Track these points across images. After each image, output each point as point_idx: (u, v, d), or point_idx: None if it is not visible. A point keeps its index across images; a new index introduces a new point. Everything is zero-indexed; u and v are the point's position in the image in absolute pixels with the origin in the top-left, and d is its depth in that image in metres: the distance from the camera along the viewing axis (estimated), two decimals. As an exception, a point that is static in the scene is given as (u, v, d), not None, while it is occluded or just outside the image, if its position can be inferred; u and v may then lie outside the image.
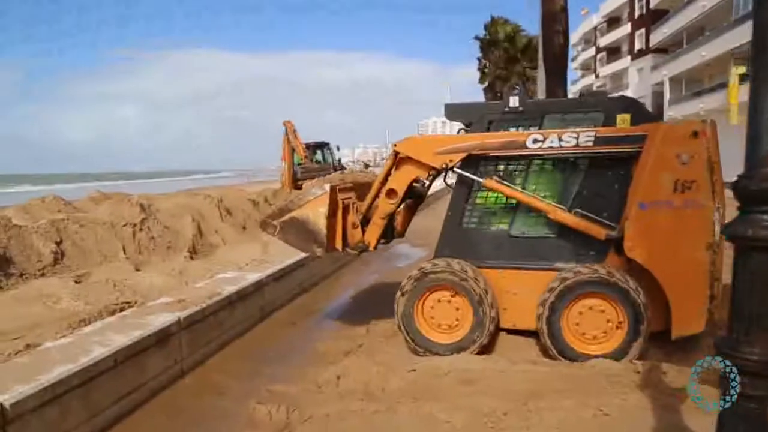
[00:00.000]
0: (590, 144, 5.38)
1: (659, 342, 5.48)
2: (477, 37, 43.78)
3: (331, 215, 5.78)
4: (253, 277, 7.15)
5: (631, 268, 5.27)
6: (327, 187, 5.76)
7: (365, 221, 6.28)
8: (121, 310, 6.34)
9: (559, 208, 5.57)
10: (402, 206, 6.98)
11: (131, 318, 5.32)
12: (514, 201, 5.75)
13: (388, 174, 6.06)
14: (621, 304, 5.15)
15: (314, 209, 5.70)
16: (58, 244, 13.16)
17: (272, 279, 7.38)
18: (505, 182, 5.74)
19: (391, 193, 6.07)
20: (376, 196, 6.18)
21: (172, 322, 5.29)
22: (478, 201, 5.97)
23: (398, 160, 6.00)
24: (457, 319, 5.62)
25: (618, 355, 5.21)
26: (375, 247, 6.36)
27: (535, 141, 5.47)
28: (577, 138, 5.38)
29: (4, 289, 10.62)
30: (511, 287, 5.66)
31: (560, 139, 5.38)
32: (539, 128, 5.70)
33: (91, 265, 13.01)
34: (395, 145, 6.05)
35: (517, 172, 5.78)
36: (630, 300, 5.12)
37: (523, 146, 5.55)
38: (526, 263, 5.67)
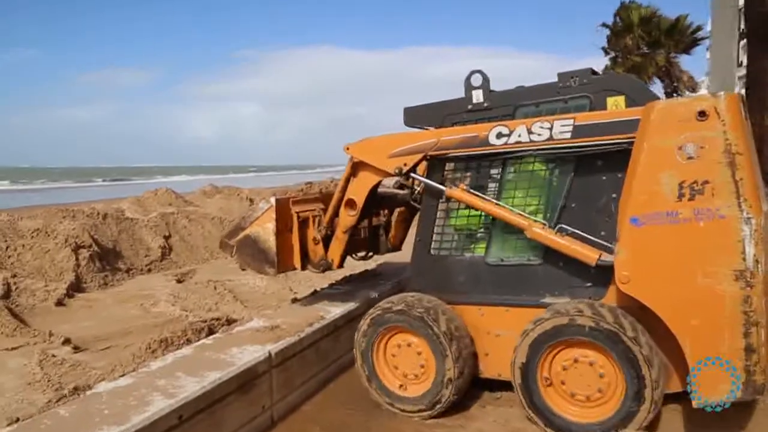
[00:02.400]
0: (567, 136, 4.11)
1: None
2: (605, 25, 40.06)
3: (283, 231, 5.13)
4: (363, 293, 5.87)
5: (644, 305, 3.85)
6: (272, 200, 5.16)
7: (330, 236, 5.34)
8: (209, 330, 5.34)
9: (537, 222, 4.26)
10: (396, 216, 6.08)
11: (211, 351, 4.20)
12: (489, 218, 4.61)
13: (347, 182, 5.10)
14: (615, 357, 3.84)
15: (262, 225, 5.14)
16: (167, 238, 12.81)
17: (385, 296, 6.13)
18: (474, 192, 4.51)
19: (350, 203, 5.08)
20: (338, 207, 5.23)
21: (261, 359, 4.11)
22: (449, 220, 4.78)
23: (353, 166, 5.00)
24: (422, 367, 4.50)
25: (616, 424, 3.83)
26: (340, 265, 5.44)
27: (499, 135, 4.31)
28: (551, 128, 4.14)
29: (109, 286, 10.24)
30: (493, 327, 4.51)
31: (530, 131, 4.21)
32: None
33: (196, 261, 12.53)
34: (347, 148, 4.97)
35: (489, 179, 4.67)
36: (625, 352, 3.78)
37: (486, 142, 4.36)
38: (507, 298, 4.47)
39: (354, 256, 5.86)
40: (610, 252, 4.02)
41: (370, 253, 6.07)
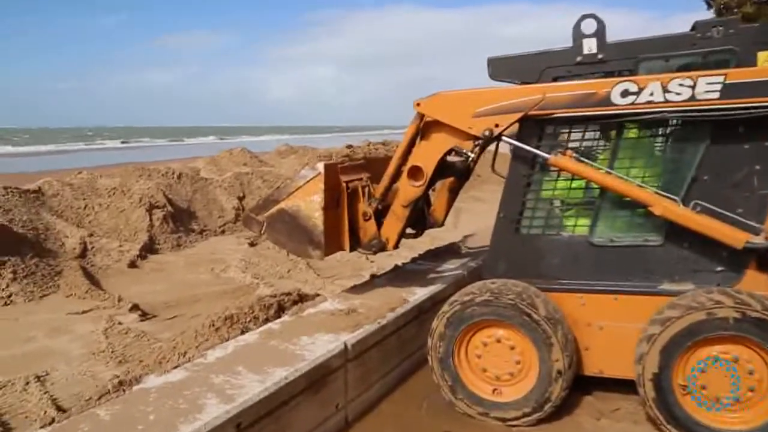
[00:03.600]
0: (715, 96, 3.37)
1: None
2: (710, -28, 36.31)
3: (331, 205, 4.27)
4: (451, 271, 5.15)
5: None
6: (320, 166, 4.25)
7: (383, 211, 4.48)
8: (279, 306, 4.77)
9: (669, 199, 3.53)
10: (440, 186, 5.07)
11: (278, 339, 3.60)
12: (595, 191, 3.82)
13: (410, 145, 4.26)
14: None
15: (306, 198, 4.25)
16: (241, 199, 12.50)
17: (475, 275, 5.34)
18: (584, 159, 3.71)
19: (416, 172, 4.25)
20: (395, 176, 4.36)
21: (336, 352, 3.47)
22: (543, 192, 4.00)
23: (424, 126, 4.17)
24: (518, 364, 3.74)
25: None
26: (396, 245, 4.57)
27: (624, 93, 3.50)
28: (693, 86, 3.38)
29: (182, 247, 10.02)
30: (596, 318, 3.83)
31: (665, 89, 3.40)
32: None
33: (271, 224, 12.18)
34: (418, 104, 4.12)
35: (600, 145, 3.95)
36: None
37: (607, 101, 3.53)
38: (616, 284, 3.78)
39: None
40: (755, 232, 3.42)
41: (411, 232, 5.01)
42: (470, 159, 4.44)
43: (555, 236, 3.95)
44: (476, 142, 4.17)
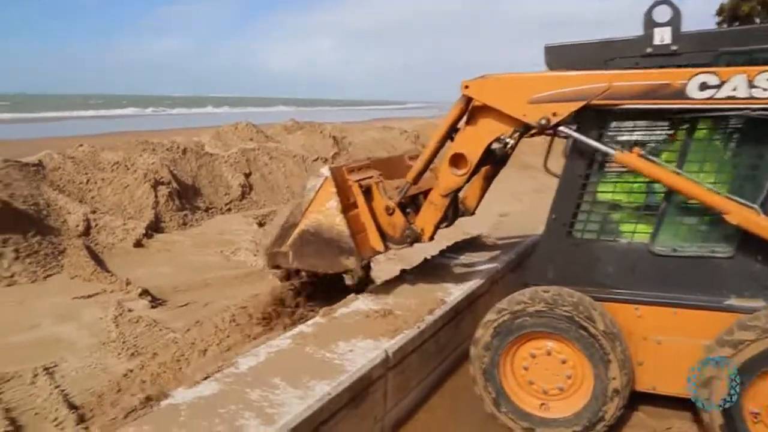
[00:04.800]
0: None
1: None
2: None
3: (349, 208, 4.03)
4: (484, 266, 4.85)
5: None
6: (325, 171, 4.06)
7: (405, 205, 4.20)
8: (296, 293, 4.48)
9: (748, 207, 3.18)
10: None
11: (313, 345, 3.30)
12: (660, 195, 3.48)
13: (451, 130, 3.91)
14: None
15: (321, 209, 4.01)
16: (247, 176, 12.14)
17: (509, 270, 4.99)
18: (653, 158, 3.36)
19: (459, 160, 3.90)
20: (430, 162, 4.07)
21: (378, 362, 3.20)
22: (601, 194, 3.64)
23: (472, 111, 3.81)
24: (569, 379, 3.48)
25: None
26: (432, 237, 4.21)
27: (703, 87, 3.16)
28: None
29: (188, 226, 9.71)
30: (652, 332, 3.53)
31: (751, 84, 3.06)
32: None
33: (277, 201, 11.83)
34: (466, 87, 3.74)
35: (669, 143, 3.49)
36: None
37: (682, 94, 3.18)
38: (677, 296, 3.46)
39: None
40: None
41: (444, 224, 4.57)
42: (509, 146, 4.14)
43: (611, 242, 3.64)
44: (516, 129, 3.86)
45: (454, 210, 4.71)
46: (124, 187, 9.74)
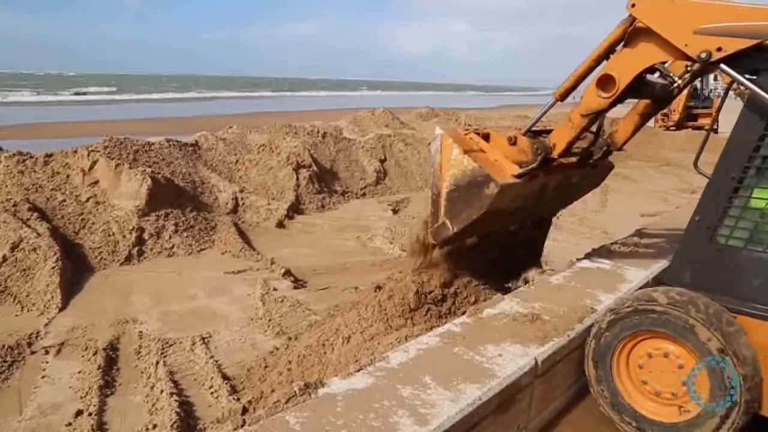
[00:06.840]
0: None
1: None
2: None
3: (473, 150, 4.04)
4: (632, 271, 4.55)
5: None
6: (438, 129, 4.15)
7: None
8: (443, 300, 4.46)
9: None
10: (630, 107, 4.33)
11: (462, 346, 3.27)
12: None
13: (609, 50, 3.58)
14: None
15: (449, 163, 4.06)
16: (382, 162, 12.35)
17: (658, 282, 4.64)
18: None
19: (607, 81, 3.58)
20: (582, 77, 3.74)
21: (527, 369, 3.11)
22: (755, 200, 3.12)
23: (632, 32, 3.46)
24: (683, 385, 3.18)
25: None
26: (562, 153, 4.01)
27: None
28: None
29: (326, 209, 10.05)
30: None
31: None
32: None
33: (410, 189, 11.94)
34: (633, 5, 3.43)
35: None
36: None
37: None
38: None
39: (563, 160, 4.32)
40: None
41: (591, 159, 4.46)
42: (675, 85, 3.79)
43: (760, 252, 3.23)
44: (688, 68, 3.53)
45: (595, 138, 4.43)
46: (269, 169, 10.27)
